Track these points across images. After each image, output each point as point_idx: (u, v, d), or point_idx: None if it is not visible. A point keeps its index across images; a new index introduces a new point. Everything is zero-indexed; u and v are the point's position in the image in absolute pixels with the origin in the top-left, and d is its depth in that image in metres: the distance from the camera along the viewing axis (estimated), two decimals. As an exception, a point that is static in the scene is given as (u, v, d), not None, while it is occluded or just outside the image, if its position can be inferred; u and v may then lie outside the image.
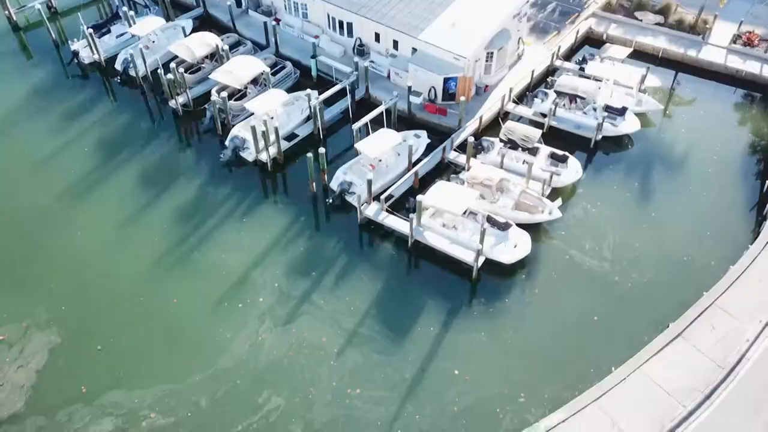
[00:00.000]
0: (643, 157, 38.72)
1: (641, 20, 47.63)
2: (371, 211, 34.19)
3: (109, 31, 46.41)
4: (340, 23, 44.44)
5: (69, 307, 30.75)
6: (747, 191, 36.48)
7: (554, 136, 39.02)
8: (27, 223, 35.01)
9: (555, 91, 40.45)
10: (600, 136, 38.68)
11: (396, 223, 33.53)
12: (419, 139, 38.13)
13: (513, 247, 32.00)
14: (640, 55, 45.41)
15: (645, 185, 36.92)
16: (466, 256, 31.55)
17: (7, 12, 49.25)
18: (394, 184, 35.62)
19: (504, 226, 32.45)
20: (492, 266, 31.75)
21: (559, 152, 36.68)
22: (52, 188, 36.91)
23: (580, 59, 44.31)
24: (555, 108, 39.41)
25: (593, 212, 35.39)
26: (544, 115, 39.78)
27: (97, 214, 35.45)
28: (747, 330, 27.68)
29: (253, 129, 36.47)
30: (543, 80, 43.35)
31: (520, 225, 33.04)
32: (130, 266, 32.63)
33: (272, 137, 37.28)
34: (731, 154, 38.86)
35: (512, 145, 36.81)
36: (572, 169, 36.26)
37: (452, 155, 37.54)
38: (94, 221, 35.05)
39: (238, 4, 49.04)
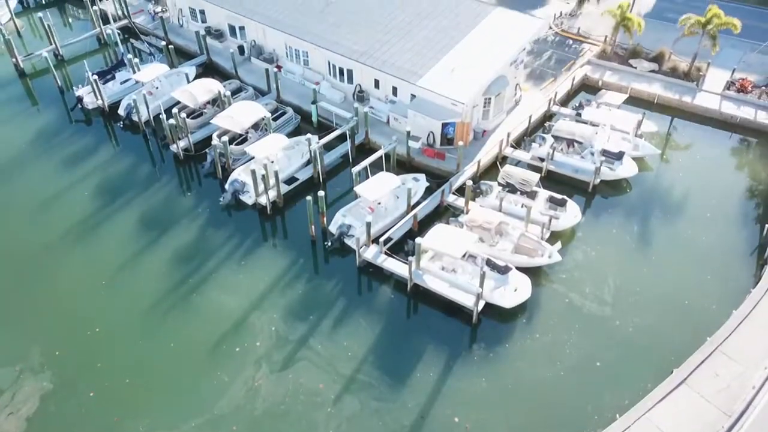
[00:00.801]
0: (641, 201, 38.84)
1: (636, 67, 48.59)
2: (370, 254, 34.07)
3: (113, 78, 47.30)
4: (341, 70, 45.33)
5: (63, 351, 30.28)
6: (747, 235, 36.43)
7: (553, 180, 39.25)
8: (24, 265, 34.84)
9: (552, 136, 40.91)
10: (598, 180, 38.92)
11: (395, 266, 33.37)
12: (418, 183, 38.35)
13: (513, 291, 31.73)
14: (635, 101, 46.12)
15: (644, 229, 36.90)
16: (466, 300, 31.25)
17: (14, 59, 50.34)
18: (393, 227, 35.63)
19: (504, 270, 32.26)
20: (492, 310, 31.42)
21: (558, 196, 36.81)
22: (52, 231, 36.91)
23: (577, 105, 45.01)
24: (553, 152, 39.77)
25: (593, 256, 35.26)
26: (542, 160, 40.11)
27: (96, 257, 35.32)
28: (752, 376, 27.17)
29: (253, 173, 36.73)
30: (540, 125, 43.94)
31: (519, 268, 32.86)
32: (127, 309, 32.29)
33: (272, 181, 37.51)
34: (730, 198, 38.99)
35: (511, 188, 36.97)
36: (571, 213, 36.31)
37: (451, 198, 37.68)
38: (92, 264, 34.90)
39: (241, 51, 50.14)
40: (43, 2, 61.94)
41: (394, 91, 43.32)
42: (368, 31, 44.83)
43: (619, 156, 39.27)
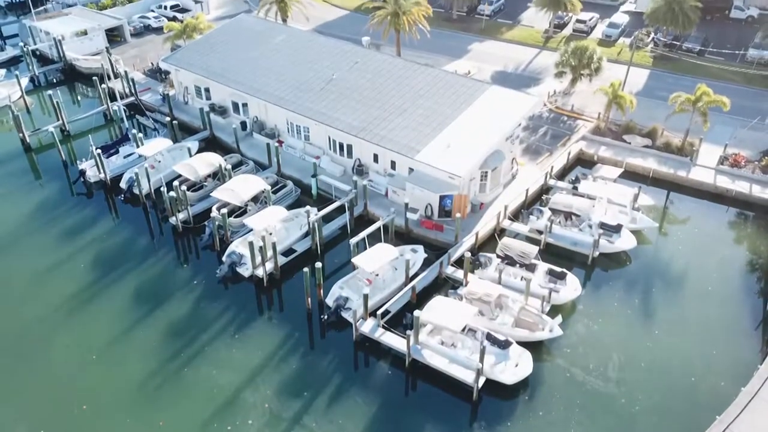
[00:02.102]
0: (642, 274, 38.51)
1: (630, 143, 49.55)
2: (367, 327, 33.40)
3: (117, 152, 48.16)
4: (341, 145, 46.24)
5: (49, 429, 29.07)
6: (750, 309, 35.87)
7: (551, 253, 39.10)
8: (15, 338, 34.14)
9: (550, 209, 41.13)
10: (597, 253, 38.76)
11: (392, 340, 32.63)
12: (416, 254, 38.19)
13: (514, 367, 30.87)
14: (631, 175, 46.68)
15: (646, 302, 36.38)
16: (466, 376, 30.34)
17: (21, 134, 51.48)
18: (391, 299, 35.16)
19: (504, 344, 31.52)
20: (493, 386, 30.42)
21: (557, 269, 36.55)
22: (46, 303, 36.43)
23: (573, 179, 45.53)
24: (551, 225, 39.85)
25: (595, 330, 34.56)
26: (540, 232, 40.13)
27: (88, 331, 34.66)
28: (767, 457, 25.93)
29: (251, 244, 36.65)
30: (537, 198, 44.28)
31: (520, 343, 32.11)
32: (117, 386, 31.33)
33: (269, 252, 37.38)
34: (730, 271, 38.68)
35: (510, 261, 36.77)
36: (571, 286, 35.92)
37: (450, 270, 37.40)
38: (84, 338, 34.19)
39: (243, 127, 51.36)
40: (54, 81, 64.09)
41: (393, 164, 43.98)
42: (367, 108, 46.06)
43: (617, 229, 39.32)
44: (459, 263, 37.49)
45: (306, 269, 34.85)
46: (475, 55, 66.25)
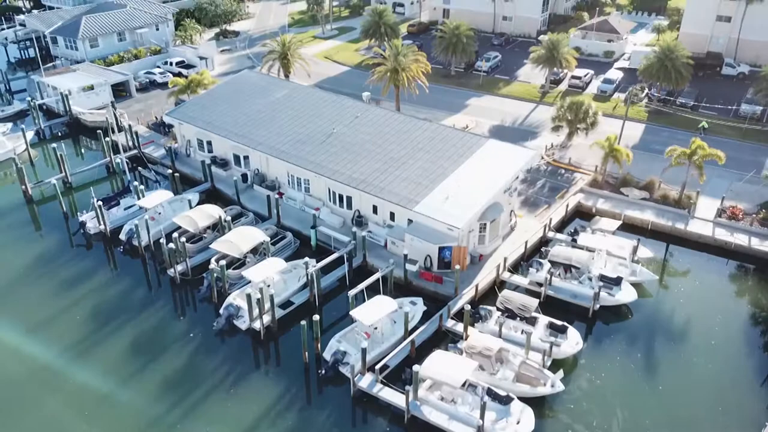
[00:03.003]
0: (643, 328, 38.04)
1: (627, 195, 49.87)
2: (365, 382, 32.75)
3: (118, 204, 48.48)
4: (340, 196, 46.58)
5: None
6: (755, 364, 35.26)
7: (552, 306, 38.73)
8: (7, 391, 33.40)
9: (549, 261, 41.02)
10: (598, 306, 38.41)
11: (391, 396, 31.94)
12: (415, 306, 37.85)
13: (516, 423, 30.09)
14: (629, 227, 46.77)
15: (649, 357, 35.80)
16: (466, 433, 29.52)
17: (23, 186, 51.94)
18: (389, 353, 34.60)
19: (505, 400, 30.82)
20: (494, 444, 29.55)
21: (558, 322, 36.15)
22: (40, 356, 35.96)
23: (572, 231, 45.62)
24: (550, 277, 39.66)
25: (598, 385, 33.87)
26: (540, 285, 39.90)
27: (81, 385, 34.03)
28: None
29: (248, 297, 36.39)
30: (537, 251, 44.22)
31: (522, 398, 31.41)
32: (106, 442, 30.49)
33: (267, 305, 37.07)
34: (733, 325, 38.23)
35: (510, 314, 36.42)
36: (572, 340, 35.43)
37: (449, 323, 36.98)
38: (77, 392, 33.54)
39: (244, 179, 51.86)
40: (59, 134, 65.16)
41: (392, 216, 44.17)
42: (367, 160, 46.64)
43: (617, 281, 39.11)
44: (459, 316, 37.11)
45: (304, 322, 34.46)
46: (473, 110, 67.56)
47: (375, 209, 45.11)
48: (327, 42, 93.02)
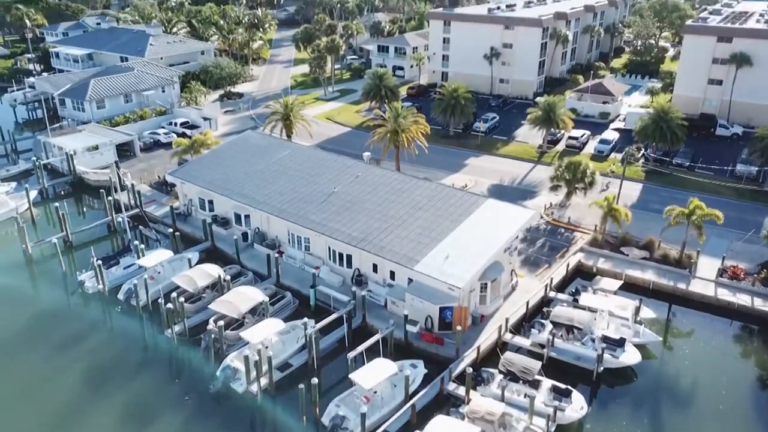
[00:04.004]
0: (649, 391, 37.23)
1: (627, 255, 49.83)
2: (365, 449, 31.79)
3: (117, 263, 48.40)
4: (340, 255, 46.54)
5: None
6: (764, 429, 34.25)
7: (554, 368, 38.00)
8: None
9: (551, 322, 40.57)
10: (601, 368, 37.68)
11: (391, 463, 30.94)
12: (416, 369, 37.15)
13: (520, 493, 28.99)
14: (631, 287, 46.47)
15: (656, 422, 34.87)
16: (469, 504, 28.42)
17: (24, 245, 51.98)
18: (390, 418, 33.70)
19: (509, 468, 29.82)
20: None
21: (562, 386, 35.40)
22: (35, 418, 35.07)
23: (574, 290, 45.31)
24: (553, 339, 39.12)
25: (604, 452, 32.85)
26: (542, 346, 39.30)
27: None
28: None
29: (246, 359, 35.81)
30: (538, 311, 43.80)
31: (526, 466, 30.40)
32: None
33: (265, 367, 36.40)
34: (740, 388, 37.43)
35: (512, 377, 35.71)
36: (577, 404, 34.60)
37: (451, 387, 36.19)
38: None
39: (245, 238, 51.98)
40: (62, 193, 65.77)
41: (392, 275, 43.99)
42: (367, 219, 46.88)
43: (620, 343, 38.56)
44: (460, 379, 36.35)
45: (302, 385, 33.76)
46: (472, 169, 68.44)
47: (375, 268, 44.99)
48: (329, 103, 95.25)
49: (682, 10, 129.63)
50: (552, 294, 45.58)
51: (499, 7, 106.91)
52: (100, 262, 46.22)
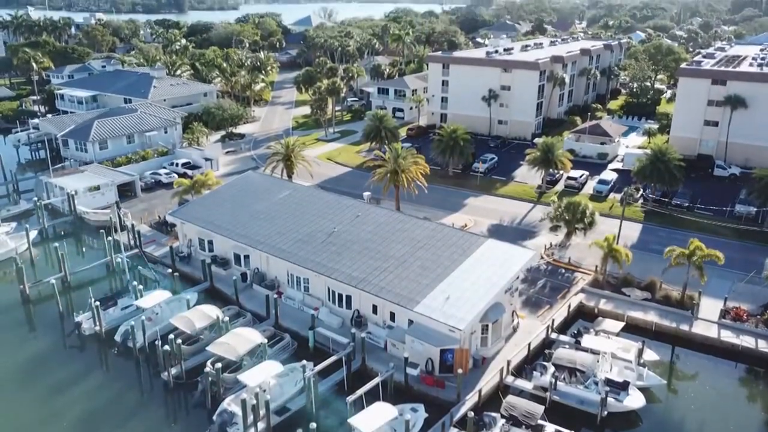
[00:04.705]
0: (655, 436, 36.47)
1: (629, 296, 49.51)
2: (364, 497, 30.90)
3: (115, 304, 48.04)
4: (339, 296, 46.24)
5: None
6: (775, 476, 33.44)
7: (558, 412, 37.30)
8: None
9: (553, 364, 40.01)
10: (606, 413, 36.98)
11: None
12: (416, 414, 36.42)
13: None
14: (633, 328, 46.02)
15: (663, 468, 34.03)
16: None
17: (22, 286, 51.67)
18: (389, 465, 32.93)
19: None
20: None
21: (565, 431, 34.65)
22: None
23: (575, 332, 44.84)
24: (555, 382, 38.52)
25: (611, 500, 31.93)
26: (545, 389, 38.67)
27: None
28: None
29: (243, 403, 35.14)
30: (540, 353, 43.24)
31: None
32: None
33: (262, 411, 35.71)
34: (749, 433, 36.70)
35: (515, 422, 35.03)
36: (581, 450, 33.83)
37: (452, 432, 35.46)
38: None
39: (244, 278, 51.72)
40: (62, 233, 65.78)
41: (392, 316, 43.62)
42: (367, 259, 46.76)
43: (623, 386, 37.93)
44: (462, 424, 35.61)
45: (300, 430, 33.03)
46: (471, 209, 68.66)
47: (375, 309, 44.64)
48: (329, 144, 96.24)
49: (677, 54, 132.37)
50: (554, 335, 45.09)
51: (497, 51, 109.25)
52: (98, 303, 45.87)
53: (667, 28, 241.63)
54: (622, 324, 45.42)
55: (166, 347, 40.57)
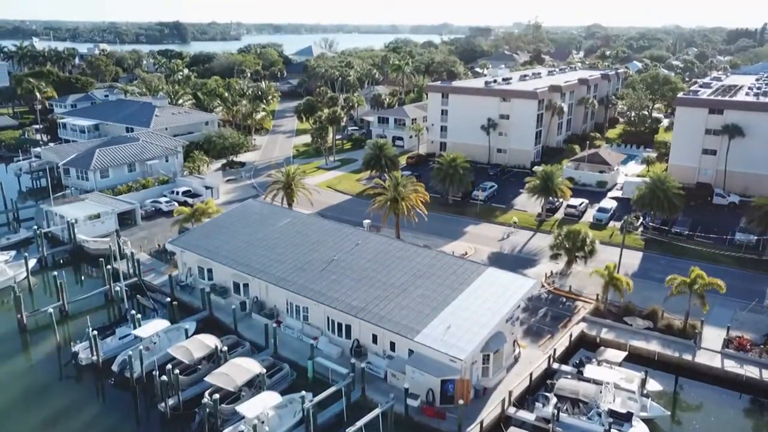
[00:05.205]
0: (660, 469, 35.79)
1: (631, 325, 49.11)
2: None
3: (113, 333, 47.66)
4: (339, 325, 45.88)
5: None
6: None
7: (561, 444, 36.70)
8: None
9: (556, 395, 39.49)
10: (609, 445, 36.39)
11: None
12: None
13: None
14: (635, 357, 45.55)
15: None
16: None
17: (19, 315, 51.28)
18: (389, 499, 32.24)
19: None
20: None
21: (569, 464, 34.06)
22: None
23: (577, 362, 44.38)
24: (558, 413, 37.95)
25: None
26: (547, 421, 38.08)
27: None
28: None
29: (241, 435, 34.59)
30: (542, 383, 42.71)
31: None
32: None
33: (261, 444, 35.13)
34: (755, 465, 36.02)
35: (517, 453, 34.40)
36: (586, 484, 33.16)
37: (453, 465, 34.81)
38: None
39: (243, 307, 51.37)
40: (61, 262, 65.58)
41: (392, 346, 43.20)
42: (367, 287, 46.53)
43: (627, 417, 37.38)
44: (463, 456, 35.01)
45: (298, 464, 32.46)
46: (472, 237, 68.59)
47: (375, 338, 44.25)
48: (330, 172, 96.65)
49: (673, 83, 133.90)
50: (555, 365, 44.59)
51: (495, 80, 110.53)
52: (95, 332, 45.47)
53: (663, 58, 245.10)
54: (624, 353, 44.97)
55: (164, 377, 40.09)
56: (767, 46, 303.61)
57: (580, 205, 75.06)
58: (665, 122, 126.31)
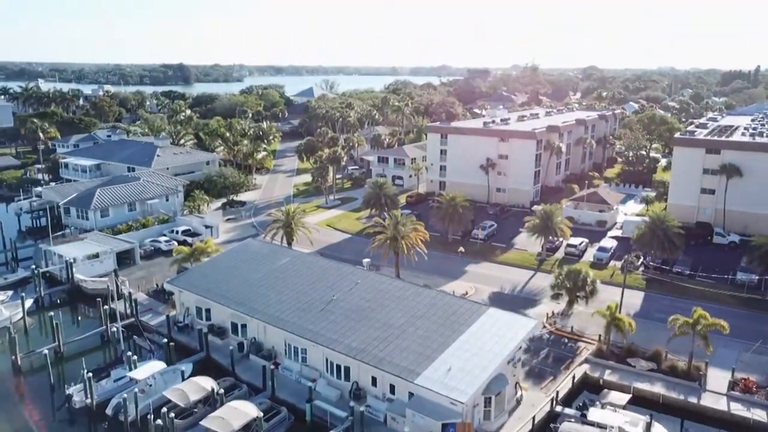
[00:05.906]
0: None
1: (635, 366, 48.36)
2: None
3: (108, 375, 46.92)
4: (338, 367, 45.17)
5: None
6: None
7: (566, 491, 35.66)
8: None
9: (560, 440, 38.63)
10: (616, 492, 35.35)
11: None
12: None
13: None
14: (640, 400, 44.71)
15: None
16: None
17: (13, 356, 50.57)
18: None
19: None
20: None
21: None
22: None
23: (581, 405, 43.55)
24: (562, 458, 37.05)
25: None
26: (551, 467, 37.14)
27: None
28: None
29: (237, 481, 33.65)
30: (545, 427, 41.83)
31: None
32: None
33: (257, 491, 34.13)
34: None
35: (520, 501, 33.39)
36: None
37: None
38: None
39: (240, 348, 50.68)
40: (58, 302, 65.06)
41: (392, 389, 42.43)
42: (366, 328, 46.01)
43: (633, 463, 36.44)
44: (465, 504, 33.99)
45: None
46: (472, 276, 68.21)
47: (374, 381, 43.50)
48: (330, 211, 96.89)
49: (670, 123, 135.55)
50: (558, 408, 43.74)
51: (494, 121, 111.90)
52: (90, 374, 44.71)
53: (659, 99, 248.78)
54: (628, 396, 44.18)
55: (159, 421, 39.28)
56: (761, 87, 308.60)
57: (580, 244, 74.92)
58: (663, 161, 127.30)
